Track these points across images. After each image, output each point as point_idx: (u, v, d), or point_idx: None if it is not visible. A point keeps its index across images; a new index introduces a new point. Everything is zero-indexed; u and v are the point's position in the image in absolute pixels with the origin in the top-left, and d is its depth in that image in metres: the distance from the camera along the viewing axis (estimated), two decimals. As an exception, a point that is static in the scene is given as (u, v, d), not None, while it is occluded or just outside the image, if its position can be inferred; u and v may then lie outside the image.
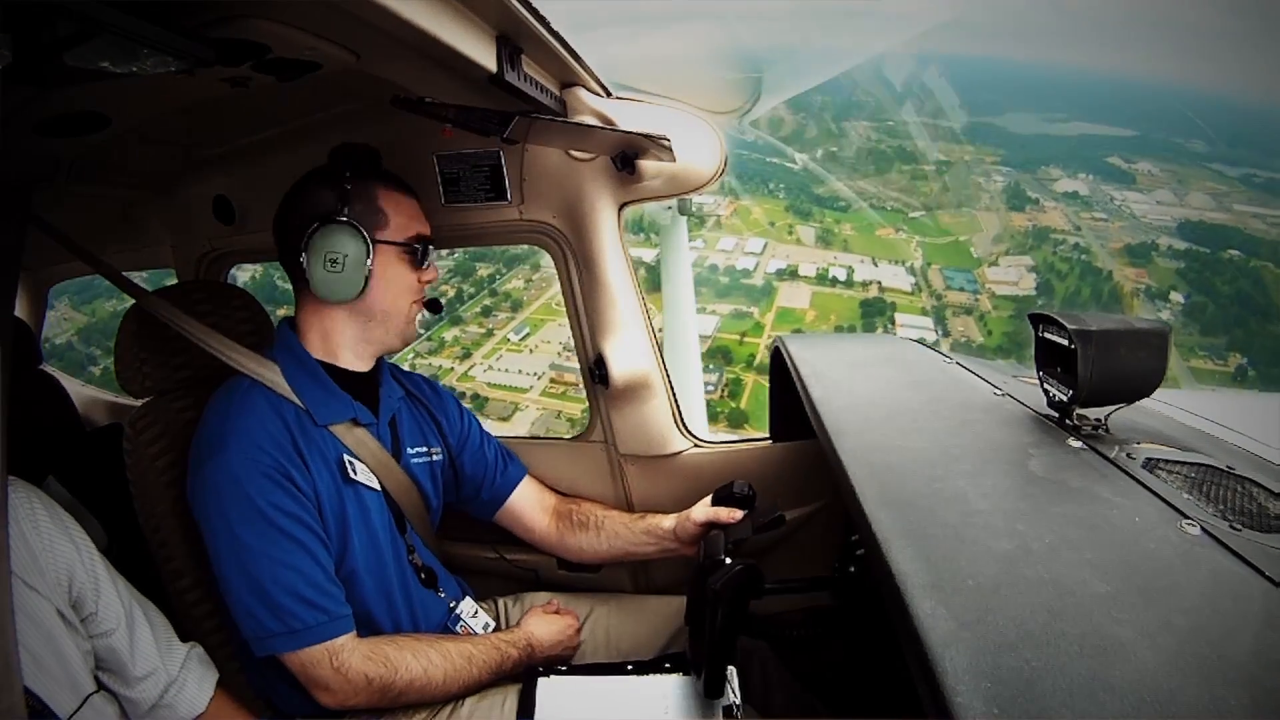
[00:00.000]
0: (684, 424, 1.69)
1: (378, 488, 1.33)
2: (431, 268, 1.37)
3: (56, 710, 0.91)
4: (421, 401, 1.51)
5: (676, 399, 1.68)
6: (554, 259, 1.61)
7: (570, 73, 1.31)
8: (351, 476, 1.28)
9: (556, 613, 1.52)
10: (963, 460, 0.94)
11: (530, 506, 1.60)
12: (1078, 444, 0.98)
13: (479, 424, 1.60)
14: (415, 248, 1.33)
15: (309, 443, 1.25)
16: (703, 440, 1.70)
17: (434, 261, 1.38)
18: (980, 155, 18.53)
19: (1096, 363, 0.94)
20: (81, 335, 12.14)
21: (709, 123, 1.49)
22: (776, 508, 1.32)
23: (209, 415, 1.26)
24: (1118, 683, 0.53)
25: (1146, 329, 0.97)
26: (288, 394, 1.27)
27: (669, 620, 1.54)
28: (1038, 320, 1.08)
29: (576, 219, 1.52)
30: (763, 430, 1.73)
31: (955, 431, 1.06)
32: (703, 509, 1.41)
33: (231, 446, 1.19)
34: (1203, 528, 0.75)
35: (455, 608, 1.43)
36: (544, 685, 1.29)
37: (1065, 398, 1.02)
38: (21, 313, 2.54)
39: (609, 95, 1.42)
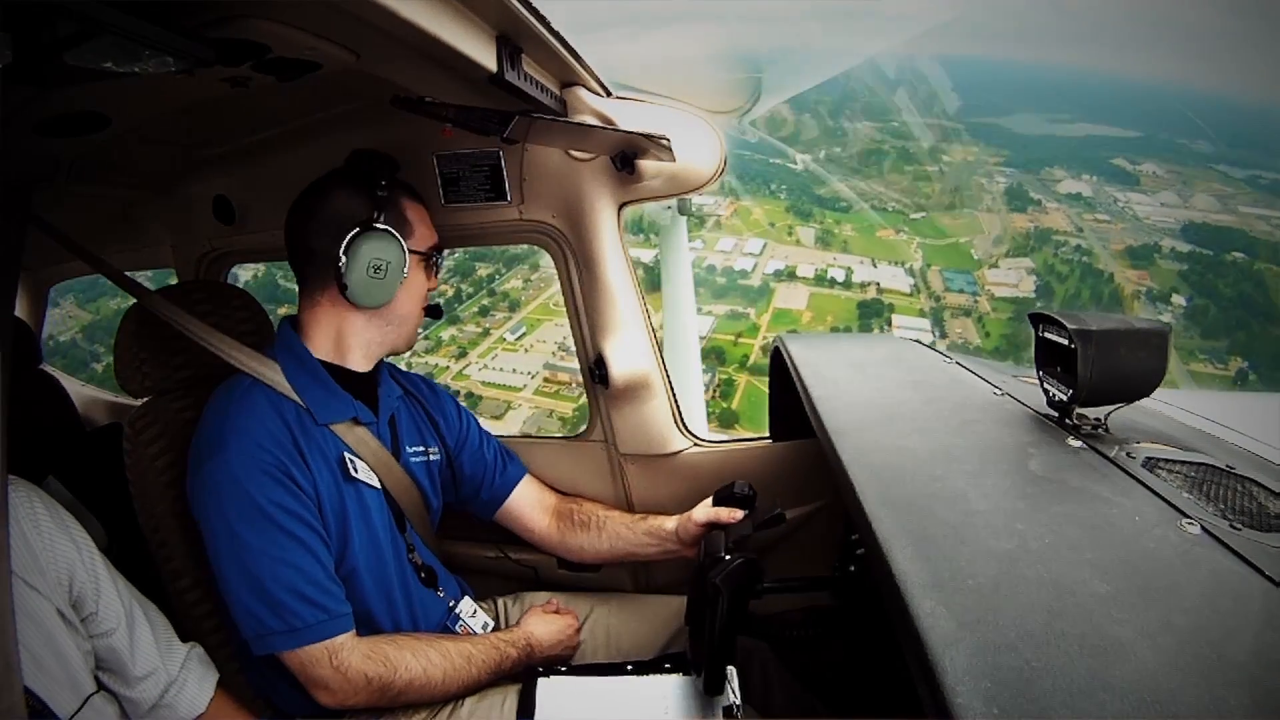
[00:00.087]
0: (684, 423, 1.69)
1: (378, 486, 1.34)
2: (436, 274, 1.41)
3: (57, 710, 0.91)
4: (419, 401, 1.51)
5: (676, 398, 1.68)
6: (554, 259, 1.61)
7: (570, 72, 1.31)
8: (352, 475, 1.29)
9: (556, 612, 1.52)
10: (963, 460, 0.94)
11: (530, 506, 1.60)
12: (1077, 443, 0.98)
13: (478, 424, 1.60)
14: (433, 256, 1.38)
15: (309, 441, 1.25)
16: (703, 440, 1.70)
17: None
18: (984, 156, 18.50)
19: (1096, 362, 0.94)
20: (85, 333, 12.24)
21: (709, 123, 1.49)
22: (777, 506, 1.32)
23: (209, 414, 1.26)
24: (1118, 682, 0.53)
25: (1146, 329, 0.97)
26: (288, 392, 1.27)
27: (669, 620, 1.54)
28: (1038, 320, 1.08)
29: (576, 219, 1.52)
30: (753, 430, 1.73)
31: (955, 431, 1.06)
32: (704, 510, 1.41)
33: (232, 445, 1.19)
34: (1203, 527, 0.75)
35: (455, 607, 1.43)
36: (544, 685, 1.29)
37: (1065, 397, 1.02)
38: (22, 312, 2.55)
39: (609, 95, 1.42)
